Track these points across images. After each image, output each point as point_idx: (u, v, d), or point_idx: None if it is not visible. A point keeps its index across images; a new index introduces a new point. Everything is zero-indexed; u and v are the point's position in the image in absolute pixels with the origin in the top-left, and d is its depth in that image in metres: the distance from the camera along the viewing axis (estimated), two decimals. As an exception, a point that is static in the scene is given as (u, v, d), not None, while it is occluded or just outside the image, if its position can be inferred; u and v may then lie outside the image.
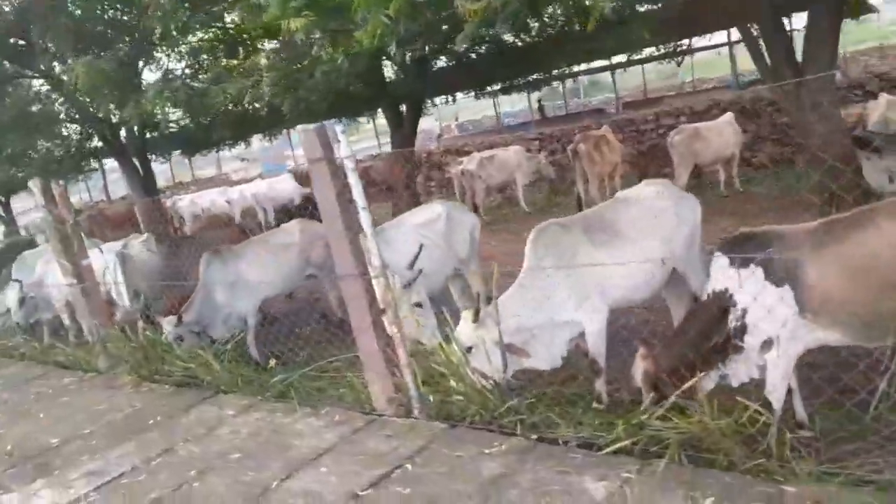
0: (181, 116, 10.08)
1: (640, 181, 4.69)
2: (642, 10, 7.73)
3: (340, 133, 3.74)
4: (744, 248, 3.38)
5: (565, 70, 11.70)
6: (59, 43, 8.54)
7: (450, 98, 12.42)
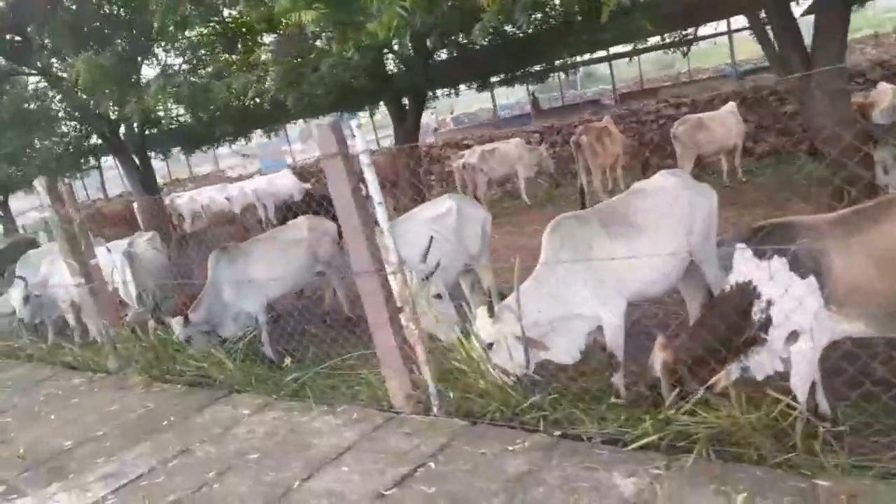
0: (182, 112, 10.00)
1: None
2: (645, 0, 7.68)
3: (356, 128, 3.69)
4: (766, 240, 3.34)
5: (567, 61, 11.58)
6: (58, 39, 8.44)
7: (452, 91, 12.32)
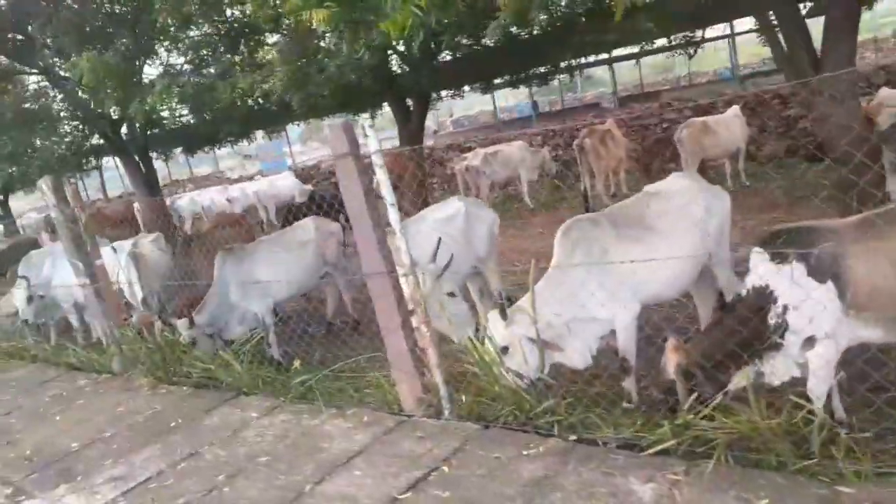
0: (186, 112, 9.96)
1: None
2: (649, 1, 7.65)
3: (369, 128, 3.66)
4: (783, 244, 3.32)
5: (573, 62, 11.56)
6: (61, 38, 8.40)
7: (456, 92, 12.29)
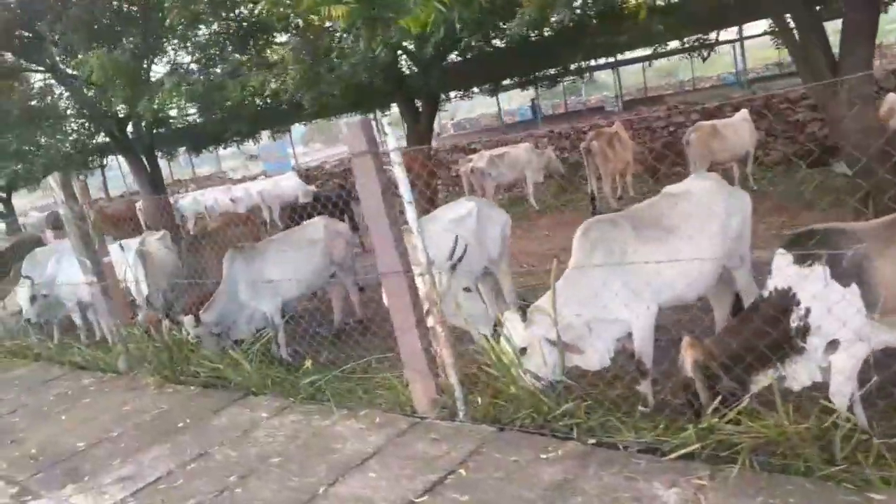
0: (194, 111, 9.92)
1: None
2: (662, 4, 7.61)
3: (387, 125, 3.61)
4: (806, 246, 3.26)
5: (582, 65, 11.52)
6: (70, 35, 8.36)
7: (465, 93, 12.26)
